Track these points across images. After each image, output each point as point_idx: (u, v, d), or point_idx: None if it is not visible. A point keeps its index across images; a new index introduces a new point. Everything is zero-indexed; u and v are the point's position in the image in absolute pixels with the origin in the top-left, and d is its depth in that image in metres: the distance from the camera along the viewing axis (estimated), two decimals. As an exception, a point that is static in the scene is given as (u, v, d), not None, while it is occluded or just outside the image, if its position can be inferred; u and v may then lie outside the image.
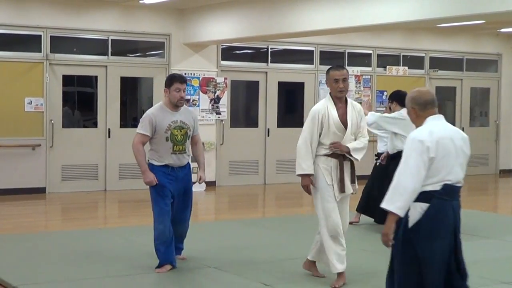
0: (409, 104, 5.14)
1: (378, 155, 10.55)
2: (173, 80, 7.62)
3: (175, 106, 7.63)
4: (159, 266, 7.60)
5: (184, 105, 7.79)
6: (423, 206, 4.89)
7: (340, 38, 16.16)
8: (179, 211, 7.78)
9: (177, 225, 7.77)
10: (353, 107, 7.22)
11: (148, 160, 7.69)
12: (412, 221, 4.91)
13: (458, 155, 5.01)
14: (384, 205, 4.90)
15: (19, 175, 13.62)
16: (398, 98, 10.02)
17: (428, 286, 4.92)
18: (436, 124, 5.03)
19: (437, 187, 4.91)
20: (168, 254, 7.61)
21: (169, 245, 7.60)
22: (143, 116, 7.68)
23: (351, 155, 7.03)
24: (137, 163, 7.63)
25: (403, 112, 9.71)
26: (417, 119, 5.09)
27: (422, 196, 4.88)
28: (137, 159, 7.59)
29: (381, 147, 10.49)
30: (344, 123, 7.06)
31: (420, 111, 5.07)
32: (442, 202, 4.93)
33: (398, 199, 4.84)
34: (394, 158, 9.12)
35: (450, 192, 4.97)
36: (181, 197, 7.76)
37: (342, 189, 7.01)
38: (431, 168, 4.88)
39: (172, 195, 7.63)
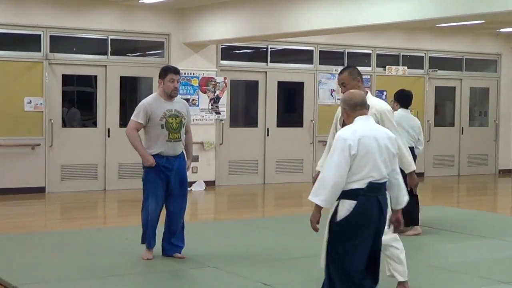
0: (342, 104, 5.59)
1: None
2: (167, 71, 7.96)
3: (170, 96, 7.93)
4: (144, 242, 8.09)
5: (178, 96, 8.10)
6: (351, 203, 5.25)
7: (340, 38, 16.16)
8: (176, 201, 8.03)
9: (174, 216, 8.02)
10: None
11: None
12: (340, 216, 5.30)
13: (382, 153, 5.35)
14: (310, 197, 5.29)
15: (18, 174, 13.62)
16: (399, 98, 10.05)
17: (351, 273, 5.32)
18: (361, 124, 5.40)
19: (362, 184, 5.26)
20: (153, 239, 8.07)
21: (154, 230, 8.06)
22: (138, 105, 7.95)
23: None
24: (134, 148, 7.90)
25: (400, 112, 9.74)
26: (348, 119, 5.50)
27: (350, 194, 5.26)
28: (134, 144, 7.87)
29: None
30: None
31: (350, 112, 5.48)
32: (368, 198, 5.28)
33: (322, 192, 5.23)
34: None
35: (375, 189, 5.32)
36: (177, 189, 7.99)
37: None
38: (355, 165, 5.25)
39: (166, 189, 7.92)
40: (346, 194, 5.26)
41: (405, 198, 5.58)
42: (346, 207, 5.27)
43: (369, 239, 5.34)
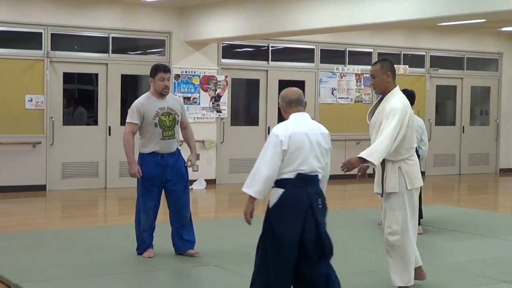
0: (279, 101, 5.90)
1: None
2: (157, 70, 7.98)
3: (161, 94, 7.97)
4: (142, 252, 8.06)
5: (170, 94, 8.17)
6: (280, 191, 5.60)
7: (341, 36, 16.17)
8: (178, 197, 8.08)
9: (179, 211, 8.07)
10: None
11: (139, 150, 8.01)
12: (271, 203, 5.65)
13: (314, 148, 5.67)
14: (244, 188, 5.64)
15: (19, 172, 13.62)
16: None
17: (281, 261, 5.54)
18: (295, 120, 5.75)
19: (291, 175, 5.58)
20: (149, 239, 8.10)
21: (148, 235, 8.10)
22: (131, 107, 7.98)
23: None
24: (125, 152, 7.91)
25: None
26: (285, 115, 5.84)
27: (280, 183, 5.60)
28: (125, 150, 7.91)
29: None
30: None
31: (286, 108, 5.81)
32: (295, 188, 5.58)
33: (255, 184, 5.58)
34: None
35: (304, 180, 5.60)
36: (178, 184, 8.05)
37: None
38: (286, 159, 5.58)
39: (164, 186, 8.01)
40: (277, 183, 5.60)
41: (324, 189, 5.85)
42: (276, 195, 5.62)
43: (296, 229, 5.55)
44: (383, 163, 6.57)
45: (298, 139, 5.61)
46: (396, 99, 6.60)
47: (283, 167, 5.58)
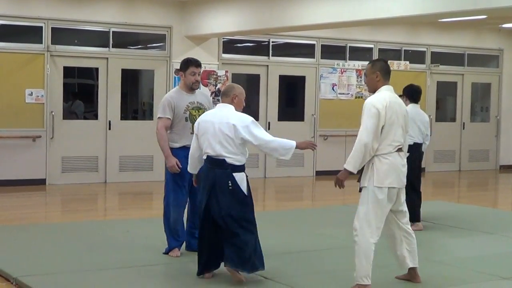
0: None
1: None
2: (189, 64, 7.96)
3: (191, 89, 7.95)
4: (170, 250, 7.94)
5: (198, 89, 8.11)
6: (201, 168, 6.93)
7: (342, 32, 16.14)
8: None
9: (196, 209, 7.73)
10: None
11: (169, 145, 7.88)
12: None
13: (216, 135, 6.68)
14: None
15: (19, 166, 13.62)
16: (408, 93, 10.02)
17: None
18: (213, 110, 7.08)
19: (205, 157, 6.78)
20: (180, 238, 7.96)
21: (182, 232, 7.97)
22: (161, 101, 7.97)
23: None
24: (160, 147, 7.88)
25: (412, 107, 9.70)
26: None
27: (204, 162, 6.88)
28: (160, 144, 7.87)
29: None
30: None
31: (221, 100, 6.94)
32: (206, 166, 6.79)
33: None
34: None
35: (211, 162, 6.73)
36: None
37: None
38: (199, 143, 6.86)
39: (191, 180, 7.72)
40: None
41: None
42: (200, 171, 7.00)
43: (203, 195, 6.77)
44: None
45: (204, 126, 6.79)
46: (374, 96, 6.56)
47: (202, 149, 6.83)
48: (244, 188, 6.75)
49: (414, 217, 9.54)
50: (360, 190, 6.57)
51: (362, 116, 6.47)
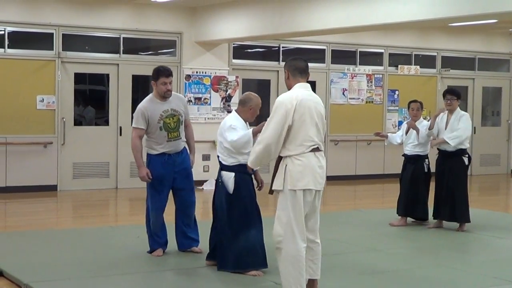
0: None
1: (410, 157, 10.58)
2: (159, 74, 8.09)
3: (163, 97, 8.05)
4: (152, 251, 8.16)
5: (174, 92, 8.22)
6: None
7: (352, 37, 16.15)
8: (186, 196, 8.19)
9: (185, 210, 8.21)
10: None
11: (147, 151, 8.15)
12: None
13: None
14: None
15: (30, 172, 13.66)
16: (460, 96, 10.45)
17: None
18: None
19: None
20: (161, 239, 8.19)
21: (162, 233, 8.20)
22: (135, 111, 8.08)
23: None
24: (134, 157, 8.02)
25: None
26: None
27: None
28: (134, 154, 8.00)
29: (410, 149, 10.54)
30: None
31: None
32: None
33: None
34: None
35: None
36: (184, 181, 8.15)
37: None
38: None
39: (172, 185, 8.09)
40: None
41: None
42: None
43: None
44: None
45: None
46: (283, 94, 6.28)
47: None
48: (228, 186, 7.30)
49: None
50: (271, 192, 6.31)
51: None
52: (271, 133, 6.11)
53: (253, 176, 7.48)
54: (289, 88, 6.38)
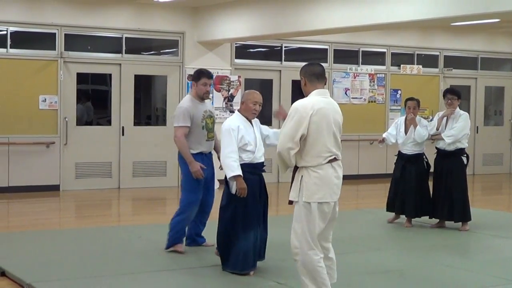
0: None
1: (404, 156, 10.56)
2: (201, 75, 8.27)
3: (202, 98, 8.25)
4: (173, 245, 8.24)
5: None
6: None
7: (354, 36, 16.14)
8: (209, 195, 8.46)
9: (205, 209, 8.44)
10: None
11: None
12: None
13: None
14: None
15: (33, 172, 13.67)
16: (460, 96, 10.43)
17: None
18: None
19: None
20: (184, 235, 8.36)
21: (185, 229, 8.38)
22: (178, 111, 8.19)
23: None
24: (182, 155, 8.13)
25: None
26: None
27: None
28: (183, 151, 8.13)
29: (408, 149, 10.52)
30: None
31: None
32: None
33: None
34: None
35: None
36: (211, 181, 8.45)
37: None
38: None
39: (204, 183, 8.28)
40: None
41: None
42: None
43: None
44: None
45: None
46: (300, 100, 6.03)
47: None
48: (230, 186, 7.43)
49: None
50: (290, 202, 6.09)
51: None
52: (283, 140, 5.88)
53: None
54: (306, 94, 6.11)
